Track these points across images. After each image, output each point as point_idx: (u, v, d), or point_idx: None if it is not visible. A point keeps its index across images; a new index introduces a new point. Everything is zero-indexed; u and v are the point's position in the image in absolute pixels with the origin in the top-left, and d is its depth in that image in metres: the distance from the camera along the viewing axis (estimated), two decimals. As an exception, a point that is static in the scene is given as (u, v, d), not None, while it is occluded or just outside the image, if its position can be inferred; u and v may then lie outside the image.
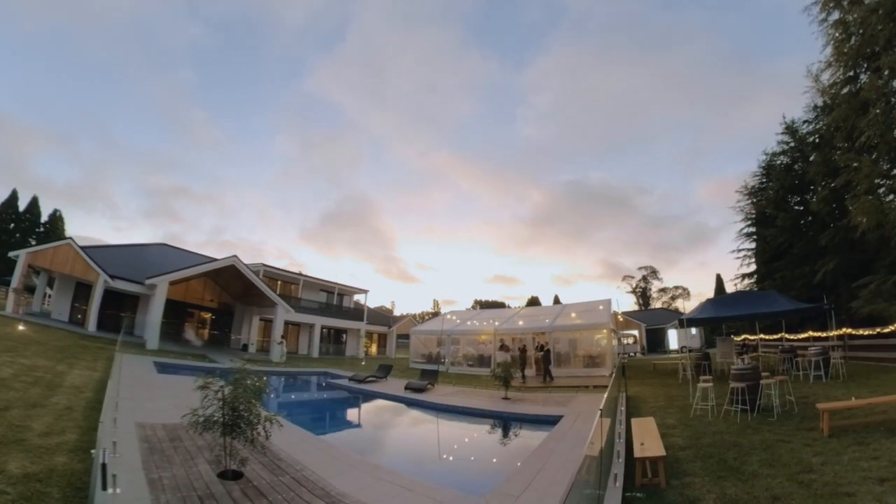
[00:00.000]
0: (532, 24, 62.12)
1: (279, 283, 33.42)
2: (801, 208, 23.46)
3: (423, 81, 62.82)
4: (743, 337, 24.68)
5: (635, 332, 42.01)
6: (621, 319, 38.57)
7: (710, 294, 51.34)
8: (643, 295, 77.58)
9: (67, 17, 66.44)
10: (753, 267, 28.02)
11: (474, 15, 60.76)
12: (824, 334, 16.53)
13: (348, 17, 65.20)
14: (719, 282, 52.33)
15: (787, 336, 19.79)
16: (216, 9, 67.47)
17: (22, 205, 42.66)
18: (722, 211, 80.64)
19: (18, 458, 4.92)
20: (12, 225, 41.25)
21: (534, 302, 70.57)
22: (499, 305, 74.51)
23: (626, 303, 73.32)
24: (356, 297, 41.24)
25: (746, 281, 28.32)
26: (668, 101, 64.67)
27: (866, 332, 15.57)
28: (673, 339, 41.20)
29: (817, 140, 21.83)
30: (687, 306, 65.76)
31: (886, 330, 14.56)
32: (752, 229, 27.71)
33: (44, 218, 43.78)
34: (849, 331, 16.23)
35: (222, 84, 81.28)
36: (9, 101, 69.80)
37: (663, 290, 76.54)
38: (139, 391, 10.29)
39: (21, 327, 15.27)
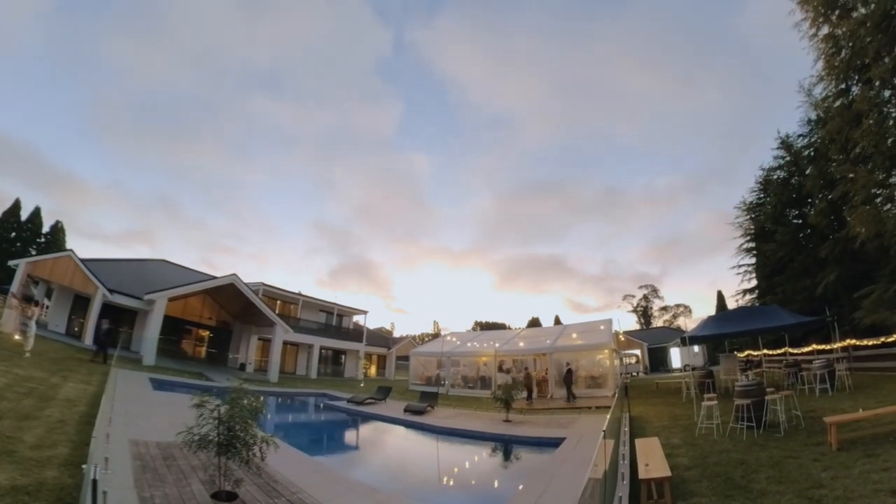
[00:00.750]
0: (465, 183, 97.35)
1: (278, 302, 33.25)
2: (800, 221, 23.47)
3: (399, 216, 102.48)
4: (746, 353, 24.41)
5: (637, 352, 41.55)
6: (623, 339, 38.12)
7: (712, 311, 51.06)
8: (644, 314, 77.10)
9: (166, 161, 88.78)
10: (754, 282, 27.85)
11: (428, 184, 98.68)
12: (828, 347, 16.37)
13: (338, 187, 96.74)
14: (720, 298, 52.05)
15: (790, 350, 19.60)
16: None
17: (24, 214, 42.61)
18: (656, 263, 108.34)
19: (7, 470, 4.83)
20: (13, 234, 41.03)
21: (534, 323, 70.03)
22: (499, 327, 73.96)
23: (627, 322, 73.37)
24: (355, 317, 40.99)
25: (748, 296, 28.12)
26: (572, 217, 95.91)
27: (870, 343, 15.38)
28: (676, 357, 40.71)
29: (812, 153, 21.98)
30: (688, 324, 65.48)
31: (891, 339, 14.40)
32: (752, 244, 27.64)
33: (45, 229, 43.69)
34: (853, 342, 16.05)
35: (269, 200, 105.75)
36: (92, 172, 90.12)
37: (664, 309, 76.16)
38: (134, 407, 10.14)
39: (17, 337, 15.10)
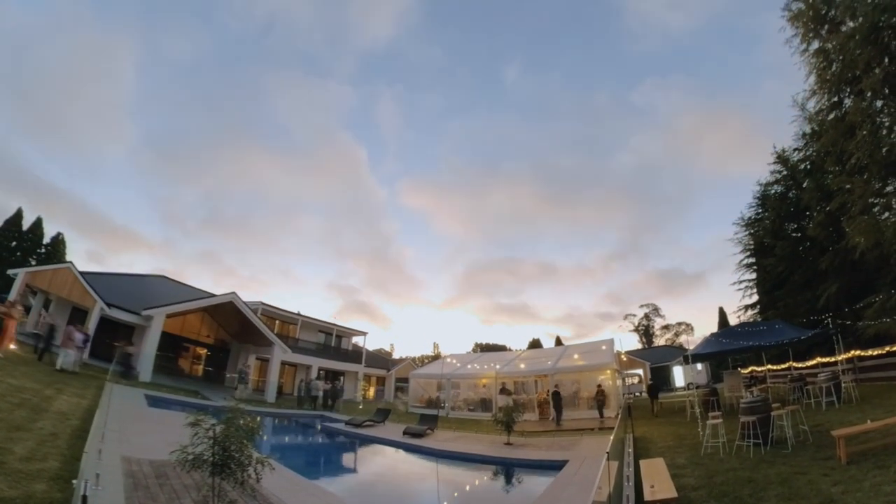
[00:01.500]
0: (437, 267, 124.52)
1: (277, 322, 33.02)
2: (799, 235, 23.41)
3: (393, 282, 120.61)
4: (750, 369, 24.06)
5: (640, 371, 40.97)
6: (625, 359, 37.71)
7: (714, 328, 50.58)
8: (646, 332, 76.38)
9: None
10: (755, 297, 27.58)
11: (413, 265, 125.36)
12: (833, 359, 16.13)
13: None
14: (722, 315, 51.62)
15: (795, 364, 19.34)
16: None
17: (25, 224, 42.49)
18: (613, 306, 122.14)
19: (-4, 481, 4.69)
20: (14, 243, 40.79)
21: (535, 344, 69.21)
22: (500, 348, 73.19)
23: (629, 342, 72.77)
24: (354, 339, 40.65)
25: (749, 312, 27.84)
26: (521, 284, 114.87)
27: (875, 353, 15.20)
28: (679, 376, 40.17)
29: (809, 166, 22.07)
30: (690, 342, 64.89)
31: (895, 348, 14.21)
32: (752, 260, 27.53)
33: (46, 240, 43.60)
34: (857, 353, 15.84)
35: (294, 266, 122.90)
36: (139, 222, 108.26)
37: (666, 328, 75.46)
38: (127, 423, 9.89)
39: (12, 346, 14.88)
